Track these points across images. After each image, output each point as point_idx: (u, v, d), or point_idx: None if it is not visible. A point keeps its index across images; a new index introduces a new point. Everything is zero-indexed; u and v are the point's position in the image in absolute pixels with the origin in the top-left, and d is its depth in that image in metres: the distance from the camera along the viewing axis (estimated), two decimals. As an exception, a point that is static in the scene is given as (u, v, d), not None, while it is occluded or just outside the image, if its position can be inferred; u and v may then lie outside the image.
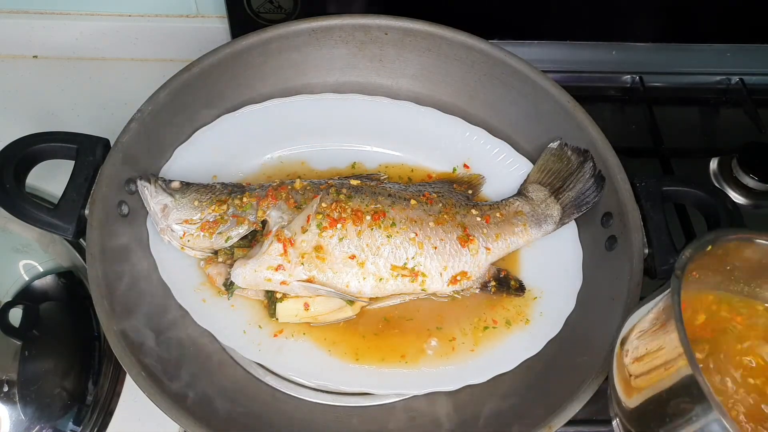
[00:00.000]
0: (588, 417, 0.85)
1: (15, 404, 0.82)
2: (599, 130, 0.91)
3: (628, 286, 0.80)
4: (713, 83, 1.22)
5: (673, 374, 0.56)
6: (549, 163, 0.94)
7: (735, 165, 1.09)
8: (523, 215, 0.91)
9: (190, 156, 0.94)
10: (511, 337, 0.86)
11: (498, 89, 0.99)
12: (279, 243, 0.83)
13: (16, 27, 1.17)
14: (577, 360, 0.80)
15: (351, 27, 0.98)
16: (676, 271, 0.60)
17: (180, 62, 0.94)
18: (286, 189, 0.89)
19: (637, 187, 0.86)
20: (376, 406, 0.85)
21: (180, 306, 0.84)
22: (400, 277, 0.86)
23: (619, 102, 1.22)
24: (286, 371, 0.84)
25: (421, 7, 1.00)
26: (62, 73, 1.19)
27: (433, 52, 0.99)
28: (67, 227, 0.81)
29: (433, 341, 0.85)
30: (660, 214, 0.84)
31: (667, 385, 0.57)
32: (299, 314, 0.85)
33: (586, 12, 1.13)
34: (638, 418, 0.62)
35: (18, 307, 0.87)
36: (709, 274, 0.67)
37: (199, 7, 1.17)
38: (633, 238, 0.82)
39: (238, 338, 0.83)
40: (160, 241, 0.87)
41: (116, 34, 1.19)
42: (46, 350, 0.87)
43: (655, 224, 0.83)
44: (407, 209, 0.88)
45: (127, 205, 0.86)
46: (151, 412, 0.73)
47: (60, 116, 1.14)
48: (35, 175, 0.86)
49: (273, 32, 0.95)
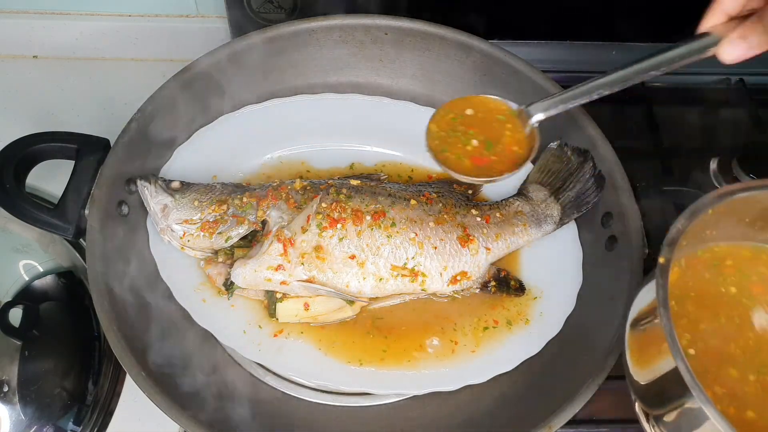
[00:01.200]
0: (588, 417, 0.85)
1: (15, 404, 0.82)
2: (599, 130, 0.91)
3: (628, 286, 0.80)
4: (713, 83, 1.21)
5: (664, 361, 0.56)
6: (549, 163, 0.94)
7: (735, 165, 1.09)
8: (523, 215, 0.91)
9: (190, 156, 0.94)
10: (511, 337, 0.86)
11: (498, 89, 0.99)
12: (279, 243, 0.83)
13: (16, 27, 1.17)
14: (577, 360, 0.80)
15: (351, 27, 0.98)
16: (661, 256, 0.60)
17: (180, 62, 0.94)
18: (286, 189, 0.89)
19: (637, 187, 0.86)
20: (376, 406, 0.85)
21: (180, 306, 0.84)
22: (400, 277, 0.86)
23: (619, 102, 1.21)
24: (286, 371, 0.84)
25: (421, 7, 1.00)
26: (62, 73, 1.19)
27: (433, 52, 0.99)
28: (67, 227, 0.81)
29: (434, 340, 0.85)
30: (660, 214, 0.84)
31: (662, 370, 0.58)
32: (299, 314, 0.85)
33: (586, 12, 1.13)
34: (646, 397, 0.63)
35: (18, 307, 0.87)
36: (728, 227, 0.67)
37: (199, 7, 1.17)
38: (633, 238, 0.82)
39: (238, 338, 0.83)
40: (160, 241, 0.87)
41: (116, 34, 1.19)
42: (46, 350, 0.87)
43: (655, 224, 0.83)
44: (407, 209, 0.88)
45: (127, 205, 0.86)
46: (151, 412, 0.73)
47: (60, 116, 1.14)
48: (35, 175, 0.86)
49: (273, 32, 0.96)
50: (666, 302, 0.57)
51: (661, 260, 0.60)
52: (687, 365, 0.53)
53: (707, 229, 0.67)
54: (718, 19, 0.69)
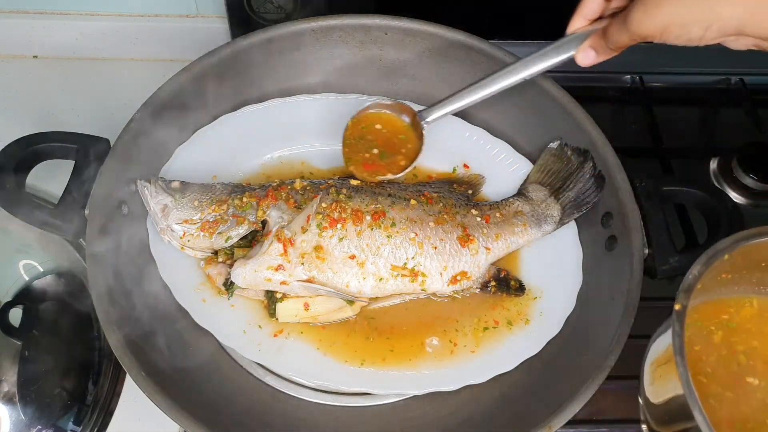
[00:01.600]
0: (588, 417, 0.85)
1: (15, 404, 0.82)
2: (599, 130, 0.90)
3: (628, 286, 0.79)
4: (713, 83, 1.21)
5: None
6: (549, 163, 0.94)
7: (735, 165, 1.09)
8: (523, 215, 0.91)
9: (190, 156, 0.94)
10: (511, 337, 0.86)
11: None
12: (279, 243, 0.83)
13: (16, 27, 1.17)
14: (577, 360, 0.80)
15: (351, 27, 0.98)
16: (677, 302, 0.58)
17: (180, 62, 0.94)
18: (286, 189, 0.89)
19: (637, 187, 0.86)
20: (376, 406, 0.85)
21: (180, 306, 0.84)
22: (400, 277, 0.86)
23: (619, 102, 1.21)
24: (286, 371, 0.84)
25: (421, 6, 1.00)
26: (62, 73, 1.19)
27: (433, 52, 0.99)
28: (67, 227, 0.81)
29: (434, 340, 0.85)
30: (660, 214, 0.84)
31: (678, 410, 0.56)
32: (299, 314, 0.85)
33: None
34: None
35: (18, 307, 0.87)
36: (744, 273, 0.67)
37: (199, 7, 1.17)
38: (633, 238, 0.82)
39: (238, 338, 0.83)
40: (160, 241, 0.87)
41: (116, 34, 1.19)
42: (46, 350, 0.87)
43: (655, 224, 0.83)
44: (407, 209, 0.88)
45: (127, 205, 0.86)
46: (151, 412, 0.73)
47: (60, 116, 1.14)
48: (35, 175, 0.86)
49: (273, 32, 0.95)
50: (682, 350, 0.56)
51: (677, 307, 0.58)
52: (705, 417, 0.52)
53: (723, 274, 0.66)
54: (580, 23, 0.77)
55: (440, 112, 0.88)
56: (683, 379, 0.54)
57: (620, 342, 0.76)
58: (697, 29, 0.63)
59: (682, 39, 0.65)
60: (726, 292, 0.69)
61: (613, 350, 0.75)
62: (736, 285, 0.69)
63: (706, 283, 0.62)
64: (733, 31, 0.63)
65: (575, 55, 0.77)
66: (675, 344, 0.56)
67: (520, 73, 0.82)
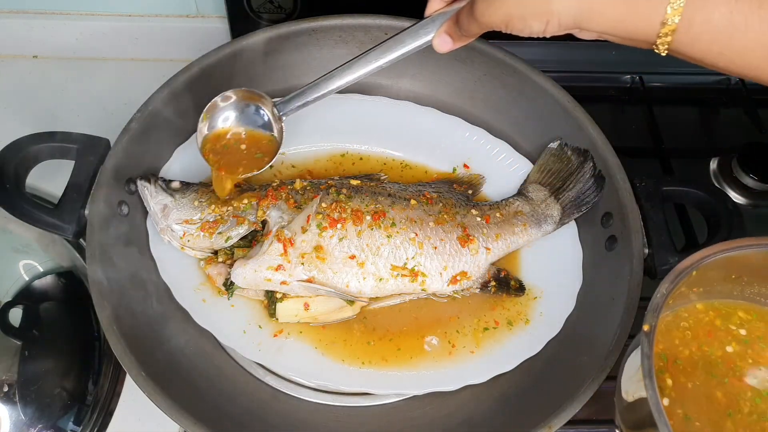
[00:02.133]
0: (588, 417, 0.85)
1: (15, 404, 0.82)
2: (599, 130, 0.91)
3: (628, 286, 0.80)
4: (713, 83, 1.22)
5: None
6: (549, 163, 0.94)
7: (735, 165, 1.09)
8: (523, 215, 0.91)
9: (190, 156, 0.94)
10: (511, 337, 0.86)
11: (498, 89, 0.99)
12: (279, 243, 0.83)
13: (16, 27, 1.17)
14: (577, 360, 0.80)
15: (351, 27, 0.98)
16: (645, 323, 0.57)
17: (180, 62, 0.94)
18: (286, 189, 0.89)
19: (637, 187, 0.86)
20: (376, 406, 0.85)
21: (180, 306, 0.84)
22: (400, 277, 0.86)
23: (619, 102, 1.22)
24: (286, 371, 0.84)
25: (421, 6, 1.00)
26: (62, 73, 1.19)
27: (433, 52, 0.99)
28: (67, 227, 0.81)
29: (433, 339, 0.85)
30: (660, 214, 0.84)
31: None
32: (299, 314, 0.85)
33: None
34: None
35: (18, 307, 0.87)
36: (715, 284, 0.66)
37: (199, 7, 1.17)
38: (633, 238, 0.82)
39: (238, 338, 0.83)
40: (160, 241, 0.87)
41: (116, 34, 1.19)
42: (46, 350, 0.87)
43: (655, 224, 0.83)
44: (407, 209, 0.88)
45: (127, 205, 0.86)
46: (151, 412, 0.73)
47: (60, 116, 1.14)
48: (35, 175, 0.86)
49: (273, 32, 0.95)
50: (651, 373, 0.54)
51: (645, 328, 0.57)
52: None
53: (693, 288, 0.66)
54: (438, 5, 0.75)
55: (295, 104, 0.84)
56: (652, 402, 0.53)
57: (620, 342, 0.76)
58: (537, 23, 0.63)
59: (525, 32, 0.65)
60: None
61: (613, 350, 0.75)
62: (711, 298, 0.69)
63: (675, 299, 0.62)
64: (573, 26, 0.63)
65: (432, 41, 0.76)
66: (644, 366, 0.55)
67: (377, 62, 0.80)
